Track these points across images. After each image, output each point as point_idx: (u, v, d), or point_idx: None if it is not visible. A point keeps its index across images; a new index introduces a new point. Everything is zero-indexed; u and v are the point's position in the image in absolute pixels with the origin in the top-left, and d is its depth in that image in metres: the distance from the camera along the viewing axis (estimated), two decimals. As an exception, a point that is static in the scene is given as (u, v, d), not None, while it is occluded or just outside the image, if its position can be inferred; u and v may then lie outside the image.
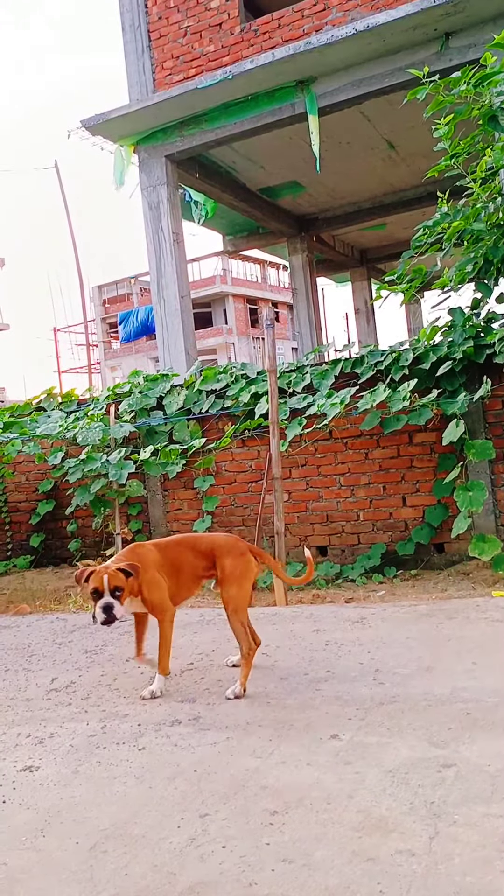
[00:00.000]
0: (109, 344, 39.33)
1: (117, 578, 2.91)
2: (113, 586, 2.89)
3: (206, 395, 6.48)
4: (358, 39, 6.83)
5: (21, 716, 3.08)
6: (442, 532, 5.57)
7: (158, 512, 6.79)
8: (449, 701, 2.72)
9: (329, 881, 1.71)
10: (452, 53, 6.88)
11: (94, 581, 2.90)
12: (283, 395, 6.01)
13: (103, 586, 2.88)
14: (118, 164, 8.48)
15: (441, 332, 5.51)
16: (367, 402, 5.43)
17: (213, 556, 3.24)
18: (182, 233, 8.67)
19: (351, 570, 5.71)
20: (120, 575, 2.93)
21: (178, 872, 1.81)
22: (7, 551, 7.51)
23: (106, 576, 2.89)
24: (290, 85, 7.55)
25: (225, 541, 3.30)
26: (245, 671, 3.09)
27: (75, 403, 7.34)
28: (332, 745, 2.45)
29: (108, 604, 2.86)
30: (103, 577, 2.88)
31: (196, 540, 3.35)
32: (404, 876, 1.70)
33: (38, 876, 1.86)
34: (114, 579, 2.90)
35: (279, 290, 39.66)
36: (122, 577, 2.93)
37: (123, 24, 8.45)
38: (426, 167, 6.75)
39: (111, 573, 2.90)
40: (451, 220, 5.05)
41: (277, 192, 10.73)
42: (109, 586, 2.88)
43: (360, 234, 13.40)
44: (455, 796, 2.03)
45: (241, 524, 6.41)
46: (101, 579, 2.89)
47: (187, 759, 2.47)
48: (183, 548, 3.29)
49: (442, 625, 3.79)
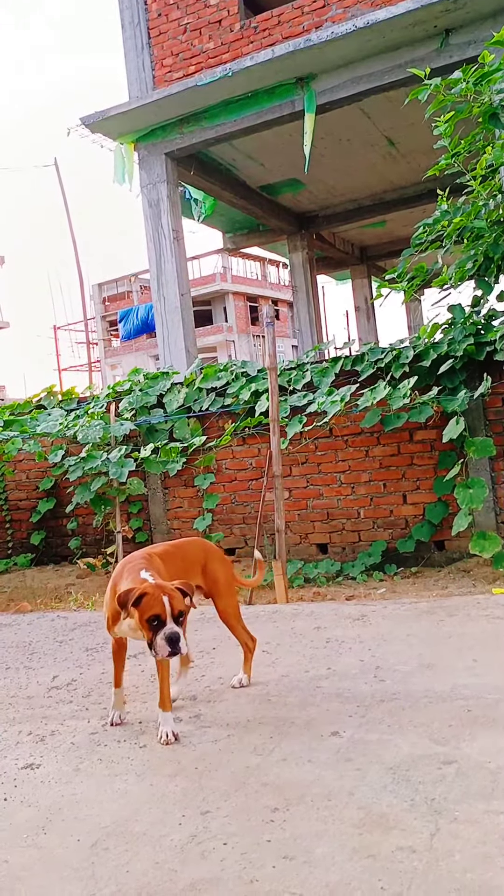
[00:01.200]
0: (109, 342, 39.32)
1: (180, 601, 2.41)
2: (178, 611, 2.39)
3: (207, 393, 6.48)
4: (358, 36, 6.82)
5: (22, 713, 3.08)
6: (442, 529, 5.57)
7: (159, 510, 6.79)
8: (450, 698, 2.73)
9: (330, 878, 1.71)
10: (452, 50, 6.86)
11: (153, 605, 2.36)
12: (284, 392, 6.01)
13: (165, 612, 2.36)
14: (118, 161, 8.47)
15: (441, 329, 5.51)
16: (367, 399, 5.43)
17: (204, 562, 2.95)
18: (182, 230, 8.67)
19: (351, 567, 5.71)
20: (180, 596, 2.44)
21: (179, 869, 1.81)
22: (8, 549, 7.51)
23: (166, 597, 2.37)
24: (289, 82, 7.53)
25: (210, 546, 3.07)
26: (250, 662, 3.09)
27: (75, 401, 7.34)
28: (332, 743, 2.45)
29: (174, 634, 2.36)
30: (164, 600, 2.37)
31: (185, 547, 2.99)
32: (405, 872, 1.70)
33: (39, 873, 1.87)
34: (177, 602, 2.39)
35: (279, 288, 39.64)
36: (181, 598, 2.44)
37: (123, 21, 8.43)
38: (426, 164, 6.75)
39: (171, 594, 2.39)
40: (451, 218, 5.05)
41: (277, 190, 10.71)
42: (173, 611, 2.37)
43: (361, 232, 13.39)
44: (456, 793, 2.04)
45: (242, 522, 6.41)
46: (162, 603, 2.36)
47: (188, 756, 2.47)
48: (177, 557, 2.88)
49: (443, 622, 3.79)
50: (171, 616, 2.36)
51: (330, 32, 6.87)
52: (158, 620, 2.36)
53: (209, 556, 2.97)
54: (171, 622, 2.36)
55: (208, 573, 2.93)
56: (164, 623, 2.36)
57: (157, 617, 2.36)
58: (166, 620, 2.36)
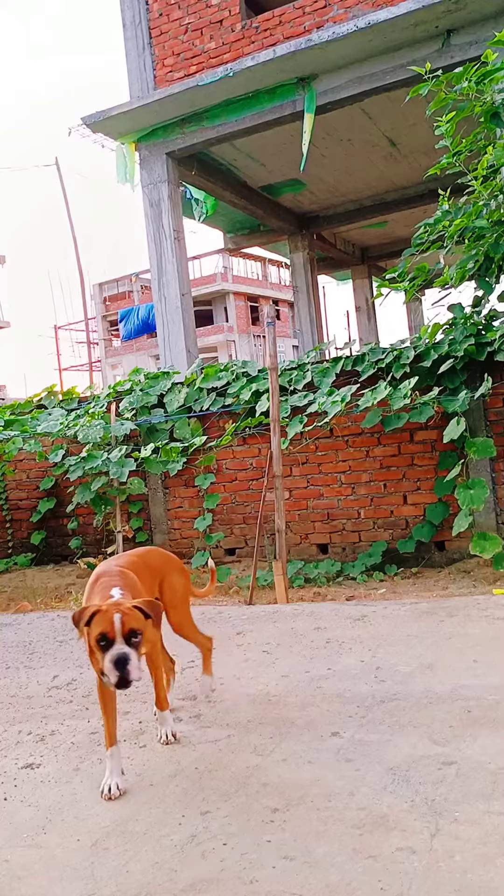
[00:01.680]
0: (110, 342, 39.33)
1: (134, 619, 2.10)
2: (128, 629, 2.07)
3: (207, 393, 6.48)
4: (359, 36, 6.82)
5: (22, 713, 3.08)
6: (443, 530, 5.57)
7: (159, 510, 6.79)
8: (450, 698, 2.72)
9: (330, 878, 1.71)
10: (454, 50, 6.86)
11: (101, 622, 2.07)
12: (284, 392, 6.01)
13: (114, 630, 2.06)
14: (120, 161, 8.47)
15: (442, 329, 5.51)
16: (368, 399, 5.43)
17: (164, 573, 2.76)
18: (183, 230, 8.67)
19: (352, 567, 5.71)
20: (137, 614, 2.13)
21: (179, 870, 1.81)
22: (8, 549, 7.52)
23: (118, 615, 2.07)
24: (291, 82, 7.53)
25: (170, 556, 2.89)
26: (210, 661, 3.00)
27: (76, 401, 7.34)
28: (333, 743, 2.45)
29: (121, 656, 2.04)
30: (114, 618, 2.07)
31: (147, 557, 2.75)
32: (405, 873, 1.70)
33: (39, 873, 1.87)
34: (130, 620, 2.09)
35: (280, 288, 39.64)
36: (139, 616, 2.13)
37: (124, 21, 8.43)
38: (427, 164, 6.75)
39: (126, 612, 2.10)
40: (452, 218, 5.04)
41: (278, 190, 10.71)
42: (123, 630, 2.06)
43: (362, 232, 13.39)
44: (456, 794, 2.04)
45: (242, 522, 6.41)
46: (111, 620, 2.06)
47: (188, 756, 2.47)
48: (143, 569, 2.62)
49: (443, 622, 3.78)
50: (122, 635, 2.05)
51: (331, 33, 6.87)
52: (106, 640, 2.06)
53: (170, 567, 2.81)
54: (119, 642, 2.05)
55: (168, 584, 2.76)
56: (111, 643, 2.05)
57: (104, 636, 2.06)
58: (114, 640, 2.05)
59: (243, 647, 3.74)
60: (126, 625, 2.07)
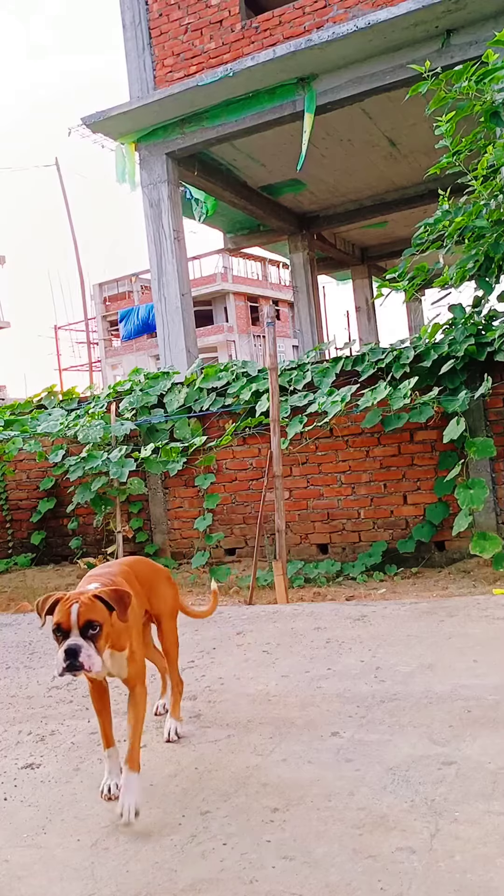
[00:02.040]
0: (110, 342, 39.33)
1: (93, 610, 2.00)
2: (84, 620, 1.98)
3: (207, 393, 6.48)
4: (359, 36, 6.82)
5: (22, 713, 3.08)
6: (443, 530, 5.57)
7: (159, 510, 6.79)
8: (450, 698, 2.72)
9: (330, 878, 1.71)
10: (454, 50, 6.86)
11: (58, 613, 2.00)
12: (284, 392, 6.01)
13: (69, 621, 1.97)
14: (120, 161, 8.48)
15: (442, 329, 5.51)
16: (368, 399, 5.43)
17: (153, 583, 2.62)
18: (183, 230, 8.67)
19: (352, 567, 5.71)
20: (97, 605, 2.03)
21: (179, 869, 1.81)
22: (8, 549, 7.52)
23: (75, 605, 1.99)
24: (291, 82, 7.53)
25: (158, 566, 2.73)
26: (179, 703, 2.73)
27: (76, 401, 7.34)
28: (333, 743, 2.45)
29: (73, 647, 1.95)
30: (70, 609, 1.98)
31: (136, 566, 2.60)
32: (405, 873, 1.70)
33: (39, 873, 1.87)
34: (87, 611, 1.99)
35: (280, 288, 39.64)
36: (100, 607, 2.03)
37: (124, 21, 8.43)
38: (427, 164, 6.75)
39: (84, 602, 2.00)
40: (452, 218, 5.04)
41: (278, 190, 10.71)
42: (79, 621, 1.97)
43: (362, 232, 13.39)
44: (456, 794, 2.04)
45: (242, 522, 6.41)
46: (68, 611, 1.98)
47: (188, 756, 2.47)
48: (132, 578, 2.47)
49: (443, 622, 3.78)
50: (77, 626, 1.97)
51: (331, 33, 6.87)
52: (61, 631, 1.99)
53: (158, 577, 2.67)
54: (74, 633, 1.97)
55: (157, 595, 2.62)
56: (67, 633, 1.98)
57: (59, 626, 1.99)
58: (69, 631, 1.98)
59: (243, 647, 3.74)
60: (82, 616, 1.98)
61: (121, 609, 2.07)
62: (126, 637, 2.19)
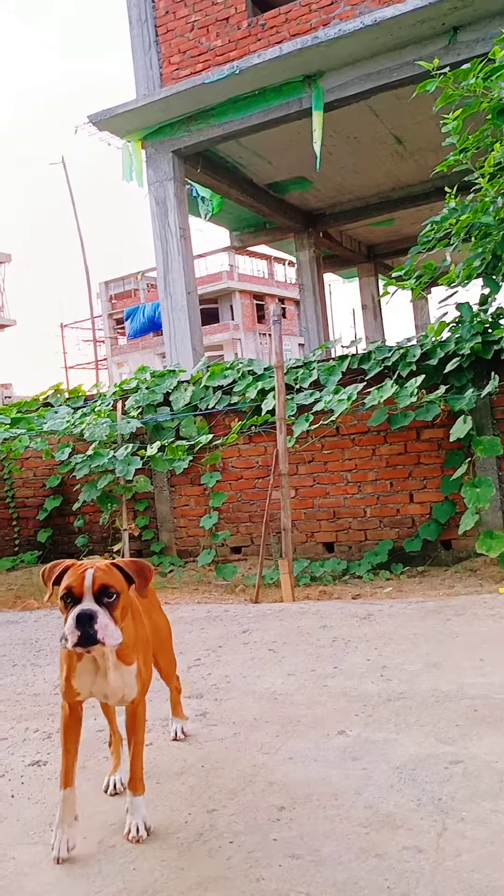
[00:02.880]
0: (116, 340, 39.37)
1: (110, 576, 1.81)
2: (100, 585, 1.77)
3: (213, 391, 6.47)
4: (366, 34, 6.80)
5: (29, 711, 3.09)
6: (449, 528, 5.56)
7: (165, 508, 6.80)
8: (456, 697, 2.72)
9: (337, 877, 1.71)
10: (461, 48, 6.83)
11: (69, 578, 1.79)
12: (290, 391, 6.00)
13: (82, 586, 1.76)
14: (126, 159, 8.48)
15: (449, 327, 5.49)
16: (374, 398, 5.42)
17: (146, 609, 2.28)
18: (189, 228, 8.67)
19: (358, 566, 5.70)
20: (115, 572, 1.84)
21: (186, 867, 1.81)
22: (14, 546, 7.54)
23: (91, 570, 1.79)
24: (297, 79, 7.52)
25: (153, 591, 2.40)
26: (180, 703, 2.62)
27: (82, 399, 7.35)
28: (339, 742, 2.45)
29: (86, 612, 1.73)
30: (85, 574, 1.78)
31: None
32: (412, 872, 1.70)
33: (46, 870, 1.87)
34: (104, 575, 1.79)
35: (286, 286, 39.60)
36: (118, 576, 1.84)
37: (130, 18, 8.43)
38: (434, 162, 6.73)
39: (100, 568, 1.81)
40: (459, 216, 5.03)
41: (285, 188, 10.70)
42: (94, 585, 1.76)
43: (368, 230, 13.36)
44: (463, 793, 2.03)
45: (248, 520, 6.41)
46: (82, 575, 1.78)
47: (195, 754, 2.47)
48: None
49: (449, 621, 3.78)
50: (91, 591, 1.76)
51: (338, 30, 6.85)
52: (72, 597, 1.77)
53: (153, 603, 2.42)
54: (88, 598, 1.75)
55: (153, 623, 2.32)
56: (78, 600, 1.76)
57: (70, 591, 1.76)
58: (82, 596, 1.75)
59: (249, 645, 3.74)
60: (98, 580, 1.76)
61: (141, 582, 1.88)
62: (134, 651, 1.96)
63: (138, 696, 2.00)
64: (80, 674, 1.93)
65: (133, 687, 1.96)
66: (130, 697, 1.98)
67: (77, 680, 1.93)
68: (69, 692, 1.95)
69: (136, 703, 2.01)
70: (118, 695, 1.96)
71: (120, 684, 1.94)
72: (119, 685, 1.94)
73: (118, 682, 1.93)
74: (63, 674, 1.96)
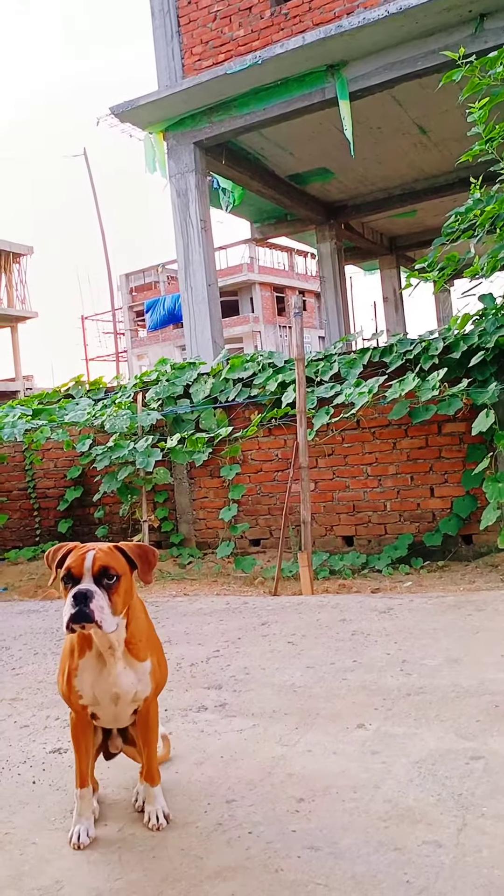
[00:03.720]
0: (136, 332, 39.48)
1: (111, 558, 1.79)
2: (100, 566, 1.75)
3: (233, 384, 6.47)
4: (390, 22, 6.71)
5: (50, 699, 3.12)
6: (470, 523, 5.51)
7: (185, 500, 6.82)
8: (477, 693, 2.70)
9: (356, 869, 1.70)
10: (487, 35, 6.71)
11: (70, 559, 1.78)
12: (311, 383, 5.98)
13: (82, 567, 1.75)
14: (148, 151, 8.47)
15: (472, 320, 5.42)
16: (395, 391, 5.38)
17: None
18: (210, 220, 8.64)
19: (377, 560, 5.68)
20: (117, 555, 1.81)
21: (205, 857, 1.82)
22: (35, 537, 7.61)
23: (91, 552, 1.77)
24: (320, 69, 7.44)
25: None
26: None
27: (103, 391, 7.38)
28: (358, 735, 2.45)
29: (82, 591, 1.72)
30: (86, 555, 1.77)
31: None
32: (431, 867, 1.69)
33: (66, 856, 1.89)
34: (105, 557, 1.78)
35: (306, 279, 39.40)
36: (119, 559, 1.81)
37: (153, 8, 8.40)
38: (458, 152, 6.63)
39: (102, 549, 1.80)
40: (484, 206, 4.96)
41: (306, 179, 10.63)
42: (93, 567, 1.75)
43: (390, 222, 13.23)
44: (483, 789, 2.02)
45: (267, 513, 6.41)
46: (83, 556, 1.76)
47: (213, 745, 2.48)
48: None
49: (470, 616, 3.75)
50: (91, 572, 1.74)
51: (362, 18, 6.77)
52: (72, 578, 1.76)
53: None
54: (87, 580, 1.74)
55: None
56: (77, 581, 1.74)
57: (69, 573, 1.76)
58: (81, 577, 1.74)
59: (268, 637, 3.75)
60: (98, 561, 1.75)
61: (144, 567, 1.83)
62: (147, 648, 1.92)
63: (151, 695, 1.95)
64: (82, 671, 1.87)
65: (147, 685, 1.91)
66: (143, 696, 1.92)
67: (78, 678, 1.87)
68: (71, 694, 1.89)
69: (149, 702, 1.96)
70: (130, 693, 1.88)
71: (132, 681, 1.88)
72: (132, 682, 1.88)
73: (130, 679, 1.88)
74: (63, 674, 1.90)
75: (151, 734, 2.01)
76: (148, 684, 1.92)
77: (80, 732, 1.95)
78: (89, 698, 1.89)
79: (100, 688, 1.87)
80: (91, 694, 1.88)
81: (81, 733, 1.95)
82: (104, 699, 1.89)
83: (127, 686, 1.88)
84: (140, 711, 1.98)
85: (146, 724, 1.99)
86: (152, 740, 2.01)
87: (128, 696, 1.89)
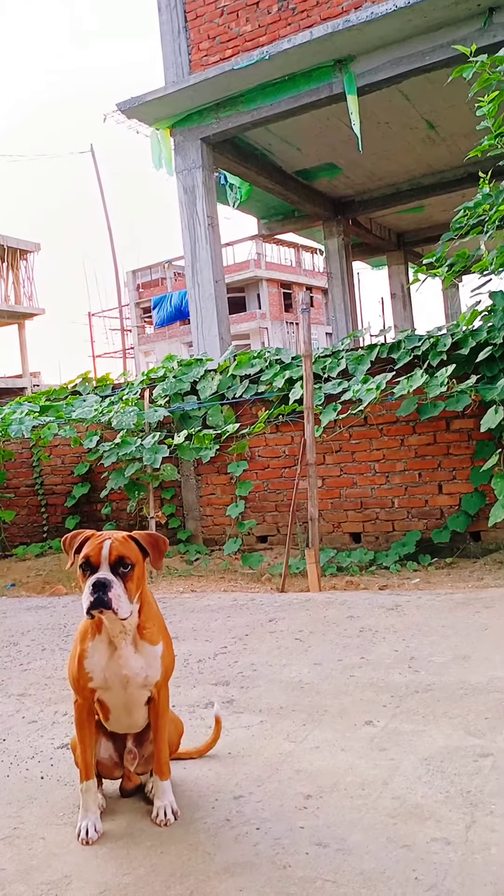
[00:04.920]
0: (143, 329, 39.51)
1: (126, 547, 1.88)
2: (116, 555, 1.85)
3: (240, 380, 6.46)
4: (398, 16, 6.67)
5: (58, 694, 3.13)
6: (478, 520, 5.49)
7: (192, 496, 6.82)
8: (486, 690, 2.69)
9: (364, 866, 1.70)
10: (496, 29, 6.67)
11: (88, 547, 1.87)
12: (318, 380, 5.97)
13: (100, 556, 1.84)
14: (155, 147, 8.46)
15: (481, 316, 5.40)
16: (403, 387, 5.36)
17: None
18: (217, 217, 8.62)
19: (385, 557, 5.67)
20: (131, 544, 1.90)
21: (213, 853, 1.82)
22: (43, 533, 7.63)
23: (108, 541, 1.86)
24: (328, 64, 7.41)
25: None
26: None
27: (110, 388, 7.39)
28: (366, 732, 2.44)
29: (101, 580, 1.82)
30: (103, 544, 1.85)
31: None
32: (440, 864, 1.68)
33: (74, 851, 1.89)
34: (120, 546, 1.87)
35: (313, 275, 39.32)
36: (133, 548, 1.90)
37: (159, 4, 8.38)
38: (467, 147, 6.60)
39: (117, 538, 1.88)
40: (493, 202, 4.93)
41: (314, 175, 10.60)
42: (110, 555, 1.85)
43: (398, 217, 13.18)
44: (492, 786, 2.01)
45: (275, 509, 6.41)
46: (100, 545, 1.85)
47: (221, 741, 2.48)
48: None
49: (479, 613, 3.74)
50: (108, 561, 1.84)
51: (370, 13, 6.73)
52: (90, 566, 1.85)
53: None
54: (104, 568, 1.83)
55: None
56: (95, 569, 1.84)
57: (87, 561, 1.85)
58: (99, 565, 1.84)
59: (276, 634, 3.75)
60: (115, 551, 1.84)
61: (156, 555, 1.93)
62: (159, 633, 1.99)
63: (161, 680, 1.98)
64: (93, 653, 1.93)
65: (157, 669, 1.95)
66: (153, 680, 1.96)
67: (89, 660, 1.92)
68: (81, 676, 1.93)
69: (160, 687, 1.99)
70: (140, 677, 1.92)
71: (142, 664, 1.93)
72: (141, 665, 1.93)
73: (140, 663, 1.93)
74: (75, 656, 1.95)
75: (161, 721, 2.01)
76: (158, 668, 1.96)
77: (85, 720, 1.97)
78: (99, 681, 1.93)
79: (110, 671, 1.92)
80: (102, 677, 1.93)
81: (86, 721, 1.98)
82: (114, 682, 1.93)
83: (136, 669, 1.93)
84: (153, 700, 2.00)
85: (156, 708, 2.00)
86: (162, 729, 2.01)
87: (137, 678, 1.93)
